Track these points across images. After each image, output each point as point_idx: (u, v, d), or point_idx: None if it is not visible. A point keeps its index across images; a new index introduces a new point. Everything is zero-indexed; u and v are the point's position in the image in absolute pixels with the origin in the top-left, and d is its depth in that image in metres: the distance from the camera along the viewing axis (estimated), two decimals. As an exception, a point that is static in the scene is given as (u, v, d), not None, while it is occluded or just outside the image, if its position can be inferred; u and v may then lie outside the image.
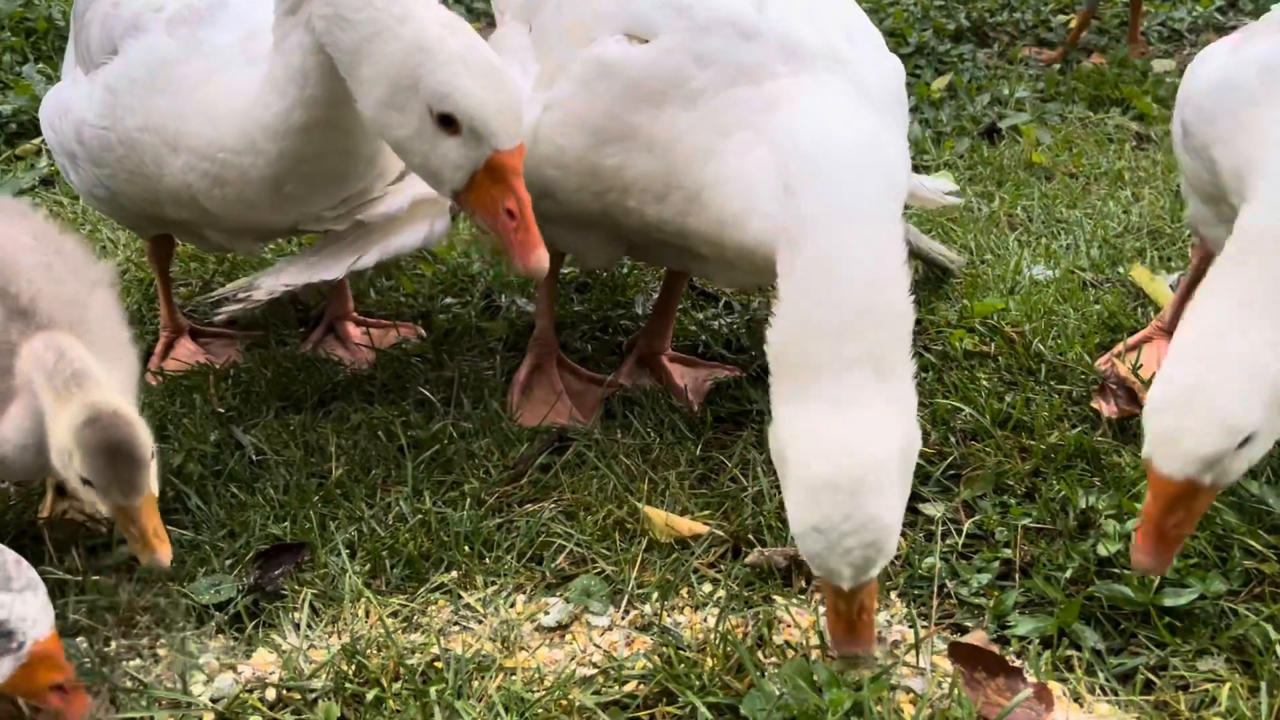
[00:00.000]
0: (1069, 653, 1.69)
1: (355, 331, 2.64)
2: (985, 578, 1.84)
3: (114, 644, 1.69)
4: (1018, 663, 1.67)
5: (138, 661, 1.67)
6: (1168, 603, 1.72)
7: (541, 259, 1.76)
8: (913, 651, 1.67)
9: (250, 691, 1.60)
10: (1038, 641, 1.70)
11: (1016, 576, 1.85)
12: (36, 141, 3.81)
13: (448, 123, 1.70)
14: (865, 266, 1.57)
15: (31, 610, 1.37)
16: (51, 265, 1.77)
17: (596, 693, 1.60)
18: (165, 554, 1.59)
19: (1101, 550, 1.82)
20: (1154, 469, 1.52)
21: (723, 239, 1.89)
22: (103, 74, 2.08)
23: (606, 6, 1.99)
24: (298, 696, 1.61)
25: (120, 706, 1.58)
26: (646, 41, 1.92)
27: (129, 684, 1.61)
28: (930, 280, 2.89)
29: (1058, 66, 4.92)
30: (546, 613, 1.79)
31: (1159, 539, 1.53)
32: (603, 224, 2.15)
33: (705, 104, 1.86)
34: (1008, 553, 1.88)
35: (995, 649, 1.68)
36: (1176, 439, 1.49)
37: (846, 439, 1.47)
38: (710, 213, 1.88)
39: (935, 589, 1.80)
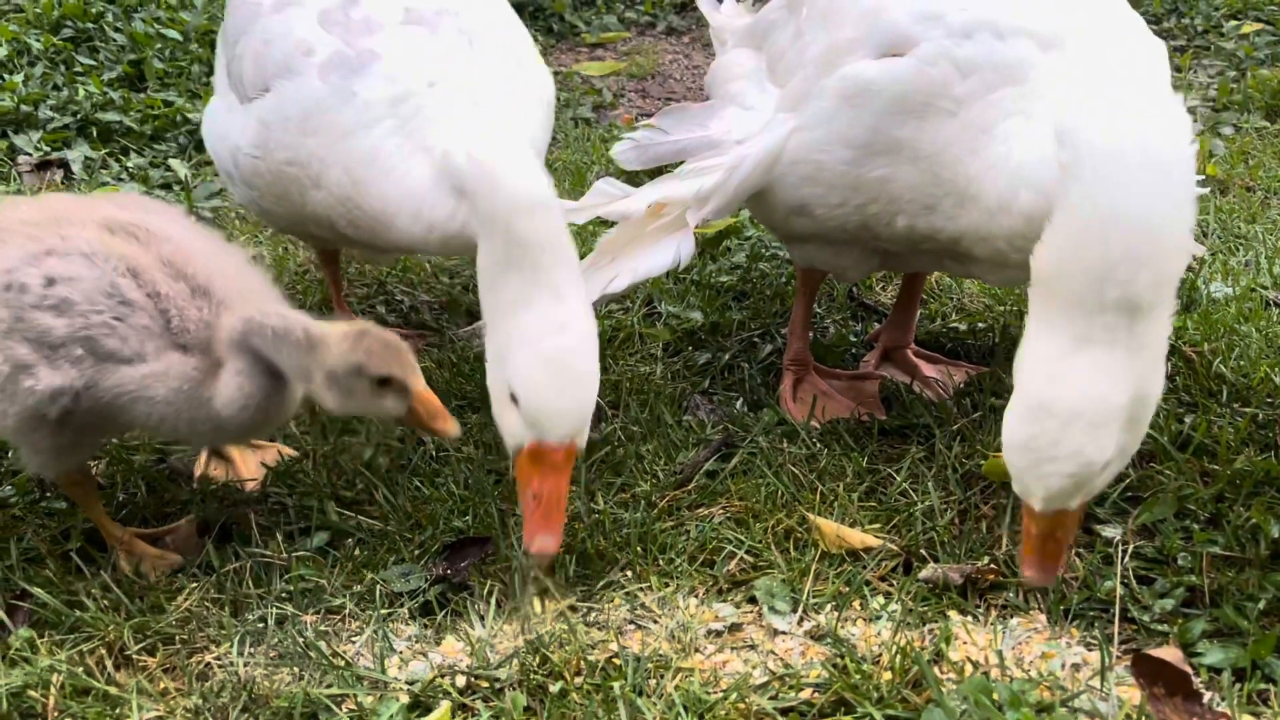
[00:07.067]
0: (1263, 686, 1.64)
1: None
2: (1169, 603, 1.80)
3: (318, 623, 1.80)
4: (1207, 694, 1.63)
5: (337, 641, 1.77)
6: (1372, 640, 1.65)
7: (545, 547, 1.69)
8: (1097, 676, 1.65)
9: (442, 676, 1.69)
10: (1229, 672, 1.65)
11: (1203, 604, 1.80)
12: (222, 147, 4.03)
13: (515, 399, 1.71)
14: (1142, 207, 1.51)
15: None
16: (210, 250, 1.92)
17: (774, 698, 1.63)
18: (454, 428, 1.76)
19: (1299, 582, 1.75)
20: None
21: (992, 230, 1.91)
22: (257, 108, 2.19)
23: (854, 33, 2.02)
24: (485, 684, 1.68)
25: (324, 683, 1.68)
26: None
27: (333, 661, 1.71)
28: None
29: (1231, 74, 4.71)
30: (719, 616, 1.82)
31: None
32: (860, 238, 2.19)
33: (968, 111, 1.89)
34: (1192, 579, 1.83)
35: (1188, 669, 1.64)
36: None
37: (1077, 373, 1.52)
38: (980, 205, 1.91)
39: (1118, 613, 1.76)
